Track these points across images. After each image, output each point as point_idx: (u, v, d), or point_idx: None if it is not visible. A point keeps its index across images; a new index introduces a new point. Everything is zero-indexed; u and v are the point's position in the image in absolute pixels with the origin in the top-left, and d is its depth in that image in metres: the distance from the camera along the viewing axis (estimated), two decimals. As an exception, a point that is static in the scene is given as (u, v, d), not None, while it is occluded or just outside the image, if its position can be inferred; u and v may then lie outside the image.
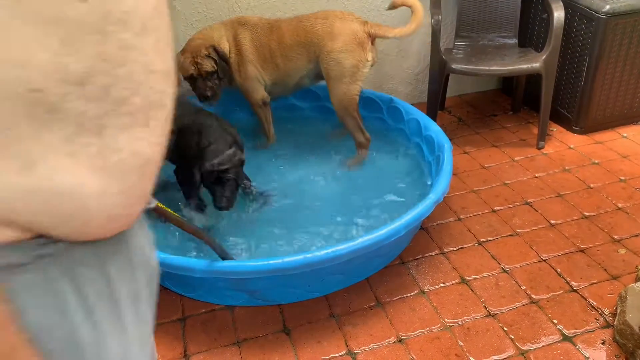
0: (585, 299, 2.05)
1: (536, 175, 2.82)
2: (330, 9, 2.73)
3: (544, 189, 2.70)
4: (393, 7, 2.71)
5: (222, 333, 1.97)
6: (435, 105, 3.15)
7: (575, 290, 2.09)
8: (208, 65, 2.53)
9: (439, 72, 3.03)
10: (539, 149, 3.05)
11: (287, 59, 2.63)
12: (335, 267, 1.98)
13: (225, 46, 2.66)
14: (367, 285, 2.15)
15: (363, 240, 1.91)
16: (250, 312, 2.05)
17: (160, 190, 2.55)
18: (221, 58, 2.58)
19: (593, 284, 2.11)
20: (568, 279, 2.14)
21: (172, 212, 1.70)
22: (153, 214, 1.69)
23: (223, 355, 1.89)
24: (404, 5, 2.66)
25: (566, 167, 2.87)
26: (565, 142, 3.11)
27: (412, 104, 2.98)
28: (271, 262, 1.85)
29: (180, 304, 2.10)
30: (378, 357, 1.85)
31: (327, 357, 1.86)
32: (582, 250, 2.29)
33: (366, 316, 2.01)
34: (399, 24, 3.37)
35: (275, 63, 2.65)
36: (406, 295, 2.10)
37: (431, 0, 3.07)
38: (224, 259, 1.87)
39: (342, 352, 1.88)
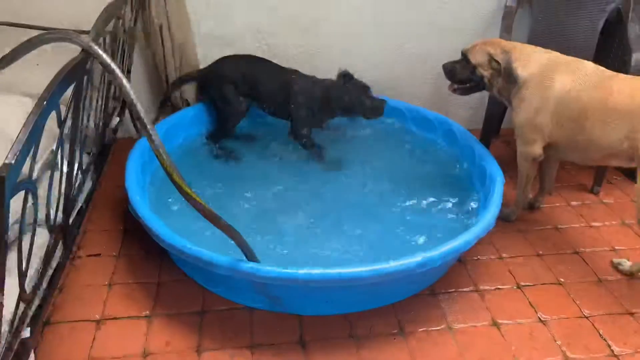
0: (627, 368, 1.88)
1: (592, 224, 2.64)
2: None
3: (598, 240, 2.52)
4: None
5: (237, 334, 1.94)
6: (489, 132, 3.04)
7: (616, 357, 1.92)
8: (487, 68, 2.37)
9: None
10: (595, 193, 2.87)
11: (600, 125, 2.12)
12: (360, 288, 1.91)
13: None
14: (392, 311, 2.06)
15: (394, 264, 1.83)
16: (268, 317, 2.01)
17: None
18: (506, 72, 2.28)
19: (639, 352, 1.94)
20: (610, 342, 1.98)
21: (206, 205, 1.68)
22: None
23: (234, 357, 1.85)
24: None
25: (626, 221, 2.67)
26: (627, 194, 2.90)
27: (470, 130, 2.87)
28: (294, 271, 1.79)
29: (201, 297, 2.09)
30: (391, 389, 1.77)
31: (338, 379, 1.80)
32: (630, 314, 2.11)
33: (386, 343, 1.93)
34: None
35: (580, 124, 2.17)
36: (432, 328, 2.00)
37: (503, 24, 2.95)
38: (250, 260, 1.84)
39: (355, 377, 1.81)
